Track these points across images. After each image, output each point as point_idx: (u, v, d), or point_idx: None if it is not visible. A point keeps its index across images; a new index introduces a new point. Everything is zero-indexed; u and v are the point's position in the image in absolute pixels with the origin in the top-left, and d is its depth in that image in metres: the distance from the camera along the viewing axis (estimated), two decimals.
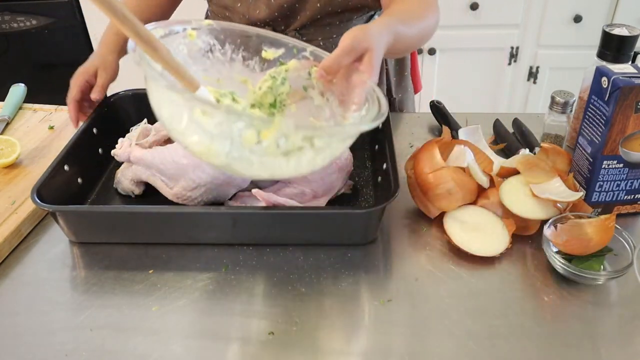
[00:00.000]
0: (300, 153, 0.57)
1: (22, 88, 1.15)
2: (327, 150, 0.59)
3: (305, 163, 0.58)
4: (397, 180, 0.75)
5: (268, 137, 0.54)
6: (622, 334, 0.65)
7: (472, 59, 2.13)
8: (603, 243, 0.71)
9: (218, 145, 0.55)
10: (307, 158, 0.57)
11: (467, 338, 0.64)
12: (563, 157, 0.84)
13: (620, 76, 0.70)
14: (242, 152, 0.55)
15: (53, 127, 1.06)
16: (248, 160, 0.56)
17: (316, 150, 0.58)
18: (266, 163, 0.56)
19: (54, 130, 1.05)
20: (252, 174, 0.60)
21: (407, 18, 0.77)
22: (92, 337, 0.66)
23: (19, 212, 0.82)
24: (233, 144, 0.55)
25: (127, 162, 0.85)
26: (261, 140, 0.55)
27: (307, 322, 0.67)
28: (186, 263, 0.76)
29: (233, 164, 0.57)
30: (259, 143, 0.55)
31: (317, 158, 0.58)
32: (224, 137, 0.55)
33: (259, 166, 0.57)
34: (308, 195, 0.82)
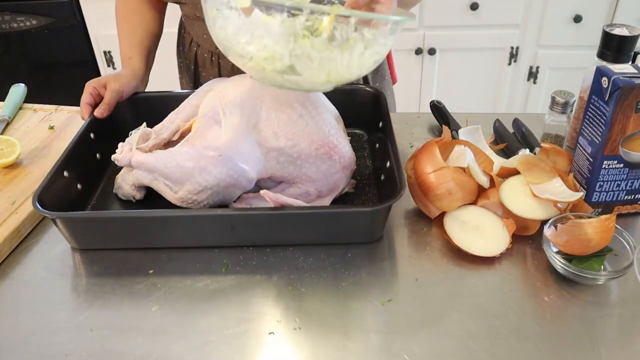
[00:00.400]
0: (352, 46, 0.64)
1: (22, 88, 1.15)
2: (374, 46, 0.66)
3: (356, 57, 0.65)
4: (403, 177, 0.75)
5: (326, 28, 0.62)
6: (622, 334, 0.65)
7: (472, 59, 2.13)
8: (603, 243, 0.71)
9: (283, 44, 0.62)
10: (358, 51, 0.65)
11: (467, 338, 0.64)
12: (563, 157, 0.84)
13: (620, 76, 0.70)
14: (304, 48, 0.62)
15: (53, 127, 1.06)
16: (309, 57, 0.63)
17: (366, 42, 0.65)
18: (324, 59, 0.63)
19: (54, 130, 1.06)
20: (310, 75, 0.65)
21: None
22: (92, 337, 0.66)
23: (19, 212, 0.82)
24: (296, 41, 0.62)
25: (127, 167, 0.84)
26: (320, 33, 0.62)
27: (307, 322, 0.67)
28: (186, 263, 0.76)
29: (296, 65, 0.63)
30: (319, 36, 0.62)
31: (365, 53, 0.65)
32: (288, 35, 0.62)
33: (318, 64, 0.63)
34: (312, 195, 0.82)
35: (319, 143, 0.79)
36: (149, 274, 0.74)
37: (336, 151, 0.80)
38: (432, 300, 0.69)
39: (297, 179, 0.81)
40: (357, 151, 0.93)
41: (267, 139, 0.80)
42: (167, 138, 0.88)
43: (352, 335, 0.65)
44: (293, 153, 0.80)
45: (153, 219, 0.76)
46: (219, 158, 0.76)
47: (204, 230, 0.77)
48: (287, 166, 0.81)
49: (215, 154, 0.76)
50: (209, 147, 0.78)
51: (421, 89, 2.22)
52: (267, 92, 0.81)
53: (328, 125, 0.81)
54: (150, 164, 0.79)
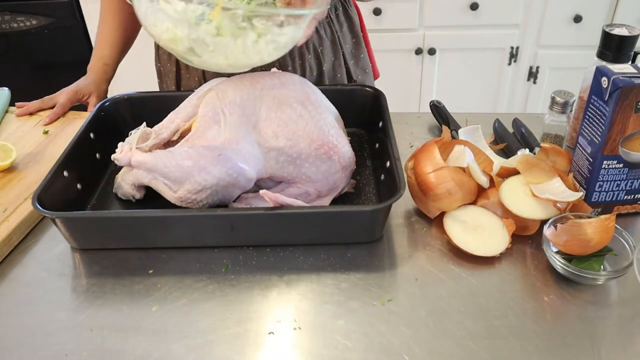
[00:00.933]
0: (244, 33, 0.70)
1: (6, 92, 1.15)
2: (268, 35, 0.72)
3: (250, 44, 0.71)
4: (403, 177, 0.75)
5: (214, 15, 0.68)
6: (622, 334, 0.65)
7: (472, 59, 2.13)
8: (603, 243, 0.71)
9: (180, 29, 0.69)
10: (250, 39, 0.71)
11: (467, 338, 0.64)
12: (563, 157, 0.84)
13: (620, 76, 0.70)
14: (199, 33, 0.69)
15: (48, 132, 1.05)
16: (204, 42, 0.70)
17: (258, 32, 0.71)
18: (218, 44, 0.70)
19: (48, 135, 1.05)
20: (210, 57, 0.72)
21: None
22: (92, 337, 0.66)
23: (10, 220, 0.80)
24: (190, 27, 0.68)
25: (127, 167, 0.84)
26: (211, 20, 0.68)
27: (307, 322, 0.67)
28: (186, 263, 0.76)
29: (195, 48, 0.70)
30: (210, 23, 0.68)
31: (260, 41, 0.71)
32: (184, 21, 0.69)
33: (213, 47, 0.70)
34: (312, 195, 0.82)
35: (319, 143, 0.79)
36: (149, 274, 0.74)
37: (336, 151, 0.80)
38: (432, 300, 0.69)
39: (296, 178, 0.81)
40: (357, 151, 0.93)
41: (267, 138, 0.80)
42: (167, 138, 0.88)
43: (352, 335, 0.65)
44: (293, 153, 0.80)
45: (153, 219, 0.76)
46: (219, 157, 0.76)
47: (203, 230, 0.77)
48: (287, 166, 0.81)
49: (214, 154, 0.76)
50: (209, 146, 0.78)
51: (421, 89, 2.22)
52: (267, 92, 0.82)
53: (328, 125, 0.81)
54: (149, 164, 0.79)
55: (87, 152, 0.90)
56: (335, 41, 1.10)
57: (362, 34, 1.18)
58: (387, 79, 2.15)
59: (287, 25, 0.73)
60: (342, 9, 1.11)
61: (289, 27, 0.73)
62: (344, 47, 1.13)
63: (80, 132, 0.89)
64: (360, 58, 1.17)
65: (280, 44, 0.74)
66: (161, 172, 0.79)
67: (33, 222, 0.83)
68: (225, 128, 0.80)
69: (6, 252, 0.78)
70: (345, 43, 1.13)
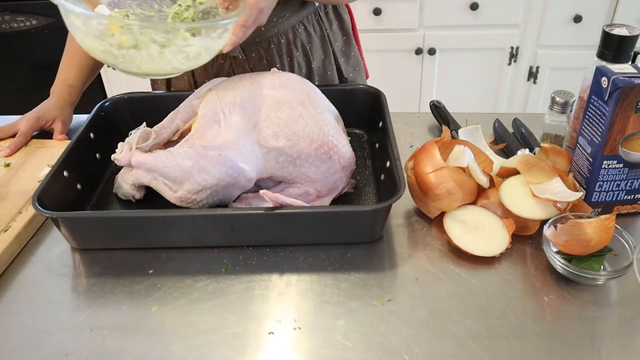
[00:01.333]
0: (146, 46, 0.72)
1: None
2: (172, 47, 0.73)
3: (156, 55, 0.72)
4: (402, 177, 0.75)
5: (113, 30, 0.70)
6: (622, 334, 0.65)
7: (472, 59, 2.13)
8: (603, 243, 0.71)
9: (90, 41, 0.72)
10: (154, 50, 0.72)
11: (467, 338, 0.64)
12: (563, 157, 0.84)
13: (620, 76, 0.70)
14: (105, 46, 0.71)
15: (9, 165, 0.94)
16: (111, 53, 0.71)
17: (160, 44, 0.73)
18: (125, 56, 0.71)
19: (10, 167, 0.93)
20: (124, 67, 0.74)
21: None
22: (92, 337, 0.66)
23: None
24: (97, 40, 0.71)
25: (127, 167, 0.84)
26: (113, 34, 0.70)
27: (307, 322, 0.67)
28: (186, 263, 0.76)
29: (107, 59, 0.73)
30: (113, 36, 0.71)
31: (166, 53, 0.73)
32: (90, 34, 0.71)
33: (122, 59, 0.72)
34: (312, 195, 0.82)
35: (319, 143, 0.79)
36: (149, 274, 0.74)
37: (336, 151, 0.80)
38: (432, 300, 0.69)
39: (296, 178, 0.81)
40: (357, 151, 0.93)
41: (267, 138, 0.80)
42: (167, 138, 0.88)
43: (352, 335, 0.65)
44: (293, 153, 0.80)
45: (153, 219, 0.76)
46: (219, 157, 0.76)
47: (203, 230, 0.77)
48: (287, 166, 0.81)
49: (214, 154, 0.76)
50: (209, 146, 0.78)
51: (421, 89, 2.22)
52: (267, 92, 0.82)
53: (328, 125, 0.81)
54: (149, 164, 0.79)
55: (87, 152, 0.90)
56: (324, 38, 1.10)
57: (352, 32, 1.18)
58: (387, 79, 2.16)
59: (198, 36, 0.75)
60: (332, 7, 1.11)
61: (196, 38, 0.74)
62: (334, 45, 1.12)
63: (80, 132, 0.89)
64: (351, 56, 1.16)
65: (190, 54, 0.75)
66: (161, 172, 0.79)
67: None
68: (225, 128, 0.80)
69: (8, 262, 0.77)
70: (336, 41, 1.13)
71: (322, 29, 1.09)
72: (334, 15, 1.12)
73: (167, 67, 0.75)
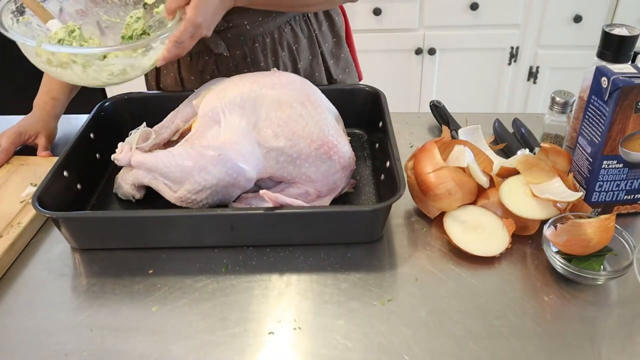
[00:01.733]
0: (70, 66, 0.78)
1: None
2: (93, 66, 0.78)
3: (80, 73, 0.78)
4: (402, 177, 0.75)
5: (39, 52, 0.77)
6: (622, 334, 0.65)
7: (472, 59, 2.13)
8: (603, 243, 0.71)
9: (30, 57, 0.79)
10: (78, 69, 0.78)
11: (467, 338, 0.64)
12: (563, 157, 0.84)
13: (620, 76, 0.70)
14: (40, 63, 0.78)
15: None
16: (47, 69, 0.79)
17: (82, 65, 0.78)
18: (53, 72, 0.79)
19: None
20: (68, 79, 0.80)
21: None
22: (92, 337, 0.66)
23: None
24: (32, 56, 0.78)
25: (127, 167, 0.84)
26: (40, 55, 0.77)
27: (307, 322, 0.67)
28: (186, 263, 0.76)
29: (45, 71, 0.81)
30: (40, 57, 0.78)
31: (89, 71, 0.78)
32: (26, 52, 0.79)
33: (57, 73, 0.79)
34: (312, 195, 0.82)
35: (319, 143, 0.79)
36: (149, 274, 0.74)
37: (336, 151, 0.80)
38: (432, 300, 0.69)
39: (296, 178, 0.81)
40: (357, 151, 0.93)
41: (267, 138, 0.80)
42: (167, 138, 0.88)
43: (352, 335, 0.65)
44: (293, 153, 0.80)
45: (153, 219, 0.76)
46: (218, 157, 0.76)
47: (203, 230, 0.77)
48: (287, 166, 0.81)
49: (214, 154, 0.76)
50: (209, 146, 0.78)
51: (421, 89, 2.22)
52: (267, 91, 0.82)
53: (328, 125, 0.81)
54: (149, 164, 0.79)
55: (87, 152, 0.90)
56: (313, 39, 1.09)
57: (345, 34, 1.17)
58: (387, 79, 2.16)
59: (115, 57, 0.79)
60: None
61: (117, 58, 0.79)
62: (323, 46, 1.11)
63: (80, 132, 0.89)
64: (341, 58, 1.16)
65: (114, 71, 0.79)
66: (161, 172, 0.79)
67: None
68: (225, 128, 0.80)
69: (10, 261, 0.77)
70: (325, 42, 1.12)
71: (311, 30, 1.08)
72: (324, 16, 1.11)
73: (95, 82, 0.80)
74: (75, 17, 0.92)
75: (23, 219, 0.81)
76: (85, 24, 0.92)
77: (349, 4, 1.05)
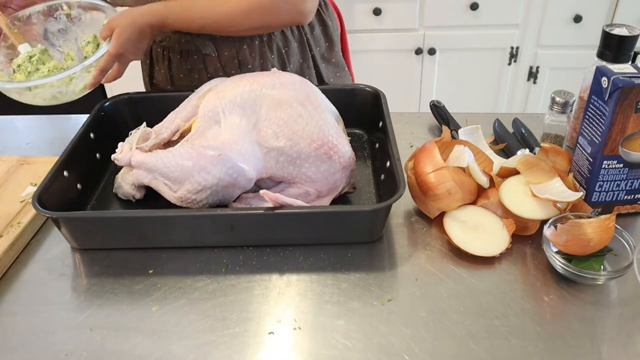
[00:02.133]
0: (6, 92, 0.89)
1: None
2: (25, 94, 0.90)
3: (17, 97, 0.90)
4: (402, 177, 0.75)
5: None
6: (622, 334, 0.65)
7: (472, 59, 2.13)
8: (603, 243, 0.71)
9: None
10: (15, 95, 0.89)
11: (467, 338, 0.64)
12: (563, 157, 0.84)
13: (620, 76, 0.70)
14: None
15: None
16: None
17: (17, 93, 0.89)
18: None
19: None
20: (26, 100, 0.92)
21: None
22: (92, 337, 0.66)
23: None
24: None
25: (127, 167, 0.84)
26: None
27: (307, 322, 0.67)
28: (186, 263, 0.76)
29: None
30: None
31: (23, 96, 0.90)
32: None
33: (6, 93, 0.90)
34: (312, 194, 0.82)
35: (319, 143, 0.79)
36: (149, 274, 0.74)
37: (336, 151, 0.80)
38: (432, 300, 0.69)
39: (296, 178, 0.81)
40: (357, 151, 0.93)
41: (267, 138, 0.80)
42: (167, 138, 0.88)
43: (352, 335, 0.65)
44: (293, 153, 0.80)
45: (153, 219, 0.76)
46: (219, 157, 0.76)
47: (203, 230, 0.77)
48: (287, 166, 0.81)
49: (214, 154, 0.76)
50: (209, 146, 0.78)
51: (421, 89, 2.22)
52: (267, 91, 0.81)
53: (328, 125, 0.81)
54: (149, 164, 0.79)
55: (87, 152, 0.90)
56: (304, 43, 1.08)
57: (339, 38, 1.16)
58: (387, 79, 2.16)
59: (42, 87, 0.88)
60: (315, 12, 1.09)
61: (44, 88, 0.88)
62: (314, 50, 1.11)
63: (80, 132, 0.89)
64: (333, 62, 1.15)
65: (46, 97, 0.90)
66: (161, 172, 0.79)
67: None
68: (225, 128, 0.80)
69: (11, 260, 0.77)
70: (317, 46, 1.11)
71: (302, 33, 1.07)
72: (317, 20, 1.10)
73: (33, 103, 0.91)
74: (58, 35, 1.04)
75: (23, 219, 0.81)
76: (66, 41, 1.04)
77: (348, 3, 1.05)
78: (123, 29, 0.88)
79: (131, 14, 0.89)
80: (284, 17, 0.94)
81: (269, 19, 0.93)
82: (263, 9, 0.90)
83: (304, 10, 0.93)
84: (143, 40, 0.90)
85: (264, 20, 0.93)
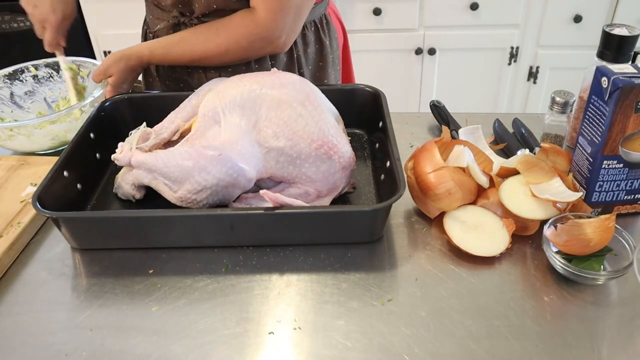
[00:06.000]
0: (15, 136, 0.96)
1: None
2: (32, 137, 0.97)
3: (24, 142, 0.97)
4: (402, 177, 0.75)
5: None
6: (622, 334, 0.65)
7: (472, 59, 2.13)
8: (603, 243, 0.71)
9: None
10: (22, 139, 0.96)
11: (467, 338, 0.64)
12: (563, 157, 0.84)
13: (620, 76, 0.70)
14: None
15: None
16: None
17: (26, 135, 0.96)
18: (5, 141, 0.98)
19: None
20: (20, 149, 1.00)
21: (175, 39, 0.99)
22: (92, 337, 0.66)
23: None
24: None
25: (127, 167, 0.84)
26: None
27: (307, 322, 0.67)
28: (186, 263, 0.76)
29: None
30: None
31: (32, 138, 0.97)
32: None
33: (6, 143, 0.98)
34: (312, 194, 0.82)
35: (319, 143, 0.79)
36: (149, 274, 0.74)
37: (336, 151, 0.80)
38: (432, 300, 0.69)
39: (296, 178, 0.81)
40: (357, 151, 0.93)
41: (267, 138, 0.80)
42: (167, 138, 0.88)
43: (352, 335, 0.65)
44: (293, 153, 0.80)
45: (153, 219, 0.76)
46: (219, 157, 0.76)
47: (203, 230, 0.77)
48: (287, 166, 0.81)
49: (214, 154, 0.76)
50: (209, 146, 0.78)
51: (421, 89, 2.22)
52: (267, 91, 0.81)
53: (328, 125, 0.81)
54: (149, 164, 0.79)
55: (87, 152, 0.90)
56: (293, 61, 1.07)
57: (339, 59, 1.16)
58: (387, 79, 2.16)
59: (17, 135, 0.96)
60: (312, 29, 1.08)
61: (37, 133, 0.96)
62: (304, 68, 1.10)
63: (80, 132, 0.89)
64: (327, 72, 1.14)
65: (57, 132, 0.98)
66: (161, 172, 0.79)
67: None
68: (225, 128, 0.80)
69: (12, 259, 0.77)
70: (309, 65, 1.11)
71: (293, 51, 1.07)
72: (314, 39, 1.09)
73: (37, 147, 0.98)
74: (25, 97, 1.11)
75: (23, 219, 0.81)
76: (34, 102, 1.11)
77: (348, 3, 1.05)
78: (118, 74, 1.00)
79: (120, 58, 1.00)
80: (263, 52, 0.99)
81: (247, 55, 0.99)
82: (242, 48, 0.96)
83: (280, 45, 0.97)
84: (134, 73, 1.03)
85: (243, 57, 1.00)
